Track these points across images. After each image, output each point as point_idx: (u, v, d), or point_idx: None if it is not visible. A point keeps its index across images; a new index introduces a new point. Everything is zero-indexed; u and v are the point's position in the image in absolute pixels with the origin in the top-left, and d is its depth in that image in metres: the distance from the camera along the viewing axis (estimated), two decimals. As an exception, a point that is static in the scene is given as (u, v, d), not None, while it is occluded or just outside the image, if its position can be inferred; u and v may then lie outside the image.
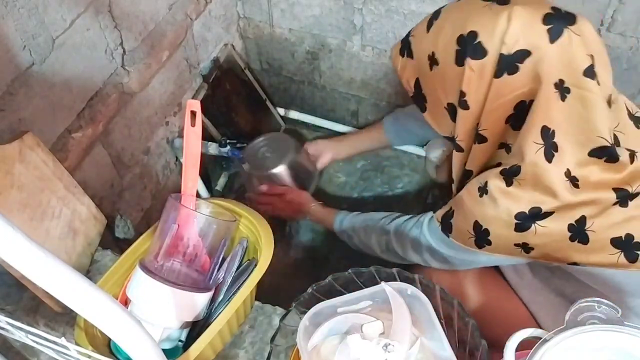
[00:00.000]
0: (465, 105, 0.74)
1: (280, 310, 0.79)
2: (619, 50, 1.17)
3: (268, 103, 1.64)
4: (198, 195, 0.76)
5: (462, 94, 0.73)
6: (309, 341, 0.60)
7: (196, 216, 0.74)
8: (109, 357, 0.58)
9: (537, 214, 0.70)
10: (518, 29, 0.67)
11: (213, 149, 1.32)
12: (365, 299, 0.62)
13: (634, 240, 0.70)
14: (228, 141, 1.32)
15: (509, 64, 0.68)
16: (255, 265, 0.73)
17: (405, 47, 0.82)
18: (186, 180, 0.75)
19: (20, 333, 0.53)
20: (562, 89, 0.67)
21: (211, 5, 1.33)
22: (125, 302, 0.72)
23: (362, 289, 0.62)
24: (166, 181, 1.34)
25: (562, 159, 0.68)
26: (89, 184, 1.03)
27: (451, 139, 0.82)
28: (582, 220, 0.70)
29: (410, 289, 0.61)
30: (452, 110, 0.77)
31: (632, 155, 0.70)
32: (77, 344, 0.66)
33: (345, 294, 0.63)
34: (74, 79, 0.94)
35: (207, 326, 0.68)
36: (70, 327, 0.76)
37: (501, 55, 0.68)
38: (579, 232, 0.70)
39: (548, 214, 0.70)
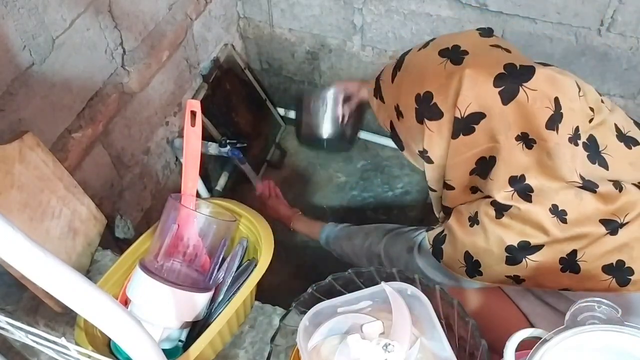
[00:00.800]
0: (429, 160, 0.76)
1: (280, 310, 0.79)
2: (619, 50, 1.17)
3: (268, 103, 1.64)
4: (198, 195, 0.76)
5: (425, 151, 0.75)
6: (309, 341, 0.60)
7: (196, 216, 0.74)
8: (109, 357, 0.58)
9: (526, 247, 0.70)
10: (469, 93, 0.68)
11: (213, 149, 1.32)
12: (365, 299, 0.62)
13: (625, 266, 0.70)
14: (228, 141, 1.32)
15: (464, 126, 0.69)
16: (255, 265, 0.73)
17: (378, 91, 0.84)
18: (186, 180, 0.75)
19: (20, 333, 0.53)
20: (527, 140, 0.68)
21: (211, 5, 1.33)
22: (125, 302, 0.72)
23: (362, 289, 0.62)
24: (166, 181, 1.34)
25: (542, 197, 0.68)
26: (89, 184, 1.03)
27: None
28: (573, 253, 0.70)
29: (410, 289, 0.61)
30: (425, 157, 0.78)
31: (617, 185, 0.70)
32: (77, 344, 0.66)
33: (345, 294, 0.62)
34: (74, 79, 0.94)
35: (207, 326, 0.68)
36: (70, 327, 0.76)
37: (455, 118, 0.69)
38: (570, 263, 0.70)
39: (537, 247, 0.70)
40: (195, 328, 0.73)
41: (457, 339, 0.62)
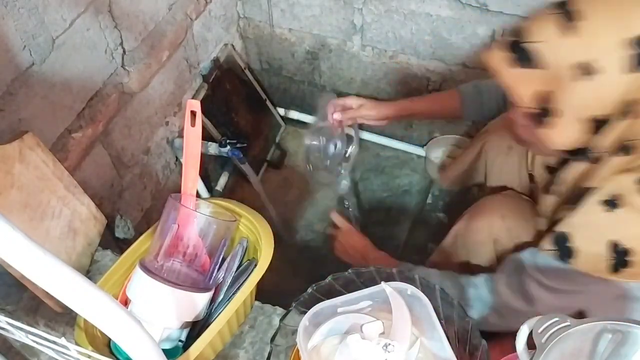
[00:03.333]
0: (632, 115, 0.65)
1: (280, 310, 0.79)
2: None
3: (268, 103, 1.64)
4: (198, 195, 0.76)
5: (633, 104, 0.64)
6: (309, 341, 0.60)
7: (196, 216, 0.74)
8: (109, 357, 0.58)
9: None
10: None
11: (213, 149, 1.32)
12: (365, 299, 0.62)
13: None
14: (228, 141, 1.32)
15: None
16: (255, 265, 0.73)
17: (524, 57, 0.68)
18: (186, 180, 0.75)
19: (20, 333, 0.53)
20: None
21: (211, 5, 1.33)
22: (125, 302, 0.72)
23: (362, 289, 0.62)
24: (166, 181, 1.34)
25: None
26: (89, 184, 1.03)
27: (573, 152, 0.73)
28: None
29: (410, 289, 0.61)
30: (601, 123, 0.67)
31: None
32: (77, 344, 0.66)
33: (345, 294, 0.62)
34: (74, 79, 0.94)
35: (207, 326, 0.68)
36: (70, 327, 0.76)
37: None
38: None
39: None
40: (195, 328, 0.73)
41: (457, 339, 0.62)
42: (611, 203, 0.67)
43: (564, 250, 0.72)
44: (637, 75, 0.62)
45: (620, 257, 0.67)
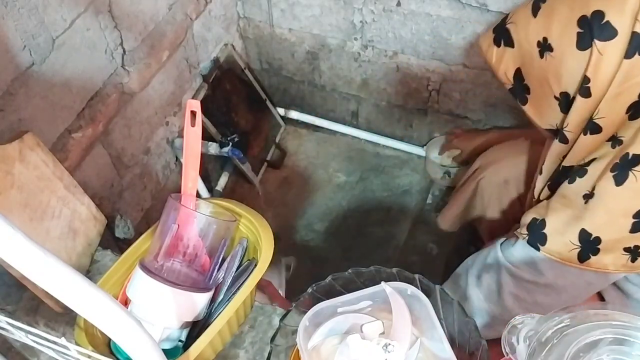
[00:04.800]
0: (586, 93, 0.67)
1: (280, 310, 0.79)
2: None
3: (268, 103, 1.64)
4: (198, 195, 0.76)
5: (586, 80, 0.66)
6: (309, 341, 0.60)
7: (196, 216, 0.74)
8: (109, 357, 0.58)
9: None
10: None
11: (213, 149, 1.32)
12: (365, 299, 0.62)
13: None
14: (228, 138, 1.33)
15: None
16: (255, 265, 0.73)
17: (502, 36, 0.76)
18: (186, 180, 0.75)
19: (20, 333, 0.53)
20: None
21: (211, 5, 1.33)
22: (125, 302, 0.72)
23: (362, 289, 0.62)
24: (166, 181, 1.34)
25: None
26: (89, 184, 1.03)
27: (554, 131, 0.76)
28: None
29: (410, 289, 0.61)
30: (564, 100, 0.71)
31: None
32: (77, 344, 0.66)
33: (345, 294, 0.62)
34: (74, 79, 0.94)
35: (207, 326, 0.68)
36: (70, 327, 0.76)
37: (634, 33, 0.62)
38: None
39: None
40: (195, 328, 0.73)
41: (457, 339, 0.62)
42: (589, 195, 0.69)
43: (538, 236, 0.73)
44: (586, 52, 0.65)
45: (589, 246, 0.69)
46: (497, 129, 1.45)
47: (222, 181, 1.55)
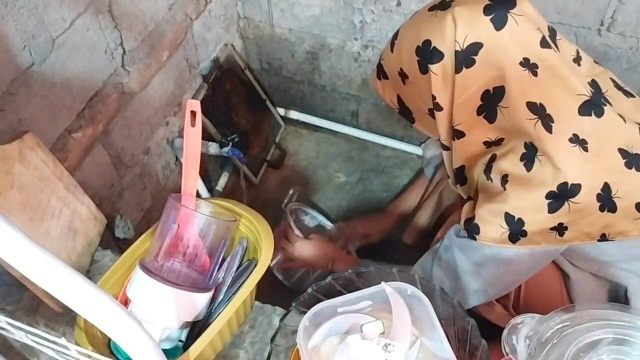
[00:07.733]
0: (438, 107, 0.79)
1: (280, 310, 0.79)
2: (619, 50, 1.17)
3: (268, 103, 1.64)
4: (198, 195, 0.76)
5: (434, 97, 0.78)
6: (309, 341, 0.60)
7: (196, 216, 0.74)
8: (109, 357, 0.58)
9: (565, 190, 0.72)
10: (463, 26, 0.72)
11: (213, 149, 1.32)
12: (365, 299, 0.62)
13: None
14: (228, 138, 1.32)
15: (465, 58, 0.73)
16: (255, 265, 0.73)
17: (380, 71, 0.90)
18: (186, 180, 0.75)
19: (20, 333, 0.53)
20: (530, 66, 0.72)
21: (211, 5, 1.33)
22: (125, 302, 0.72)
23: (362, 289, 0.62)
24: (166, 181, 1.34)
25: (561, 127, 0.71)
26: (89, 184, 1.03)
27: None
28: (606, 187, 0.72)
29: (410, 289, 0.61)
30: (433, 115, 0.82)
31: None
32: (77, 344, 0.66)
33: (345, 294, 0.63)
34: (74, 79, 0.94)
35: (207, 326, 0.68)
36: (70, 327, 0.76)
37: (456, 52, 0.73)
38: (606, 200, 0.72)
39: (576, 186, 0.71)
40: (195, 328, 0.73)
41: (457, 339, 0.62)
42: (504, 180, 0.75)
43: (472, 227, 0.79)
44: (427, 75, 0.77)
45: (516, 227, 0.75)
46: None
47: (222, 181, 1.55)
